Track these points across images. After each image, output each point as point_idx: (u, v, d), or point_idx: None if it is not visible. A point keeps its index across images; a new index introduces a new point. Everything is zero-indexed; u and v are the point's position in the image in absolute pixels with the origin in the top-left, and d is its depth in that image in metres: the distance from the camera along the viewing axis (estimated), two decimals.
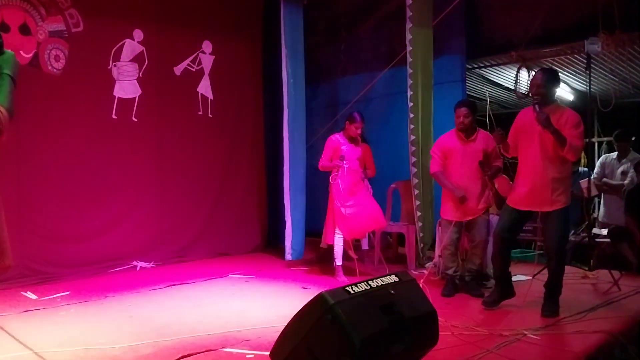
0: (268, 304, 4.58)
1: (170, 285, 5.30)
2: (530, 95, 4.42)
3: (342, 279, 5.47)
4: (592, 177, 6.46)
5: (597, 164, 6.77)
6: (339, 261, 5.64)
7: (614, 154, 6.63)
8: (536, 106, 4.12)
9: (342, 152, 5.62)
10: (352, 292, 2.67)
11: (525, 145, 4.30)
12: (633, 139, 7.06)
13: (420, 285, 3.15)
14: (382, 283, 2.85)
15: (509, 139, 4.42)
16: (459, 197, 4.89)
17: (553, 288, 4.25)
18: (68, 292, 5.01)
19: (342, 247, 5.65)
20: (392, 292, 2.82)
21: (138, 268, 6.16)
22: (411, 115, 6.16)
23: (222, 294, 4.98)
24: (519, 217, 4.35)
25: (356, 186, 5.67)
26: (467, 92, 7.26)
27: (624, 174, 6.39)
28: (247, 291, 5.13)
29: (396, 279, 2.96)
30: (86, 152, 5.99)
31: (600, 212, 6.72)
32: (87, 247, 5.93)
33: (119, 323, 4.07)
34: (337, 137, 5.76)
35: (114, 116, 6.21)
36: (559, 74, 7.01)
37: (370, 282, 2.81)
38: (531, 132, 4.22)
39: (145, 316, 4.26)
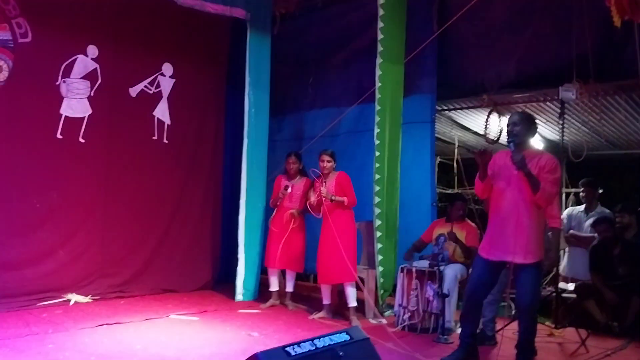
0: (207, 353, 4.11)
1: (102, 325, 4.79)
2: (506, 135, 4.13)
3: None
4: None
5: (564, 215, 6.55)
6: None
7: (581, 207, 6.43)
8: (511, 144, 3.89)
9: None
10: (293, 353, 2.28)
11: (501, 188, 3.98)
12: (601, 191, 6.90)
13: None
14: (330, 342, 2.47)
15: (489, 178, 4.08)
16: None
17: (525, 349, 3.93)
18: None
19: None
20: (340, 354, 2.44)
21: (72, 302, 5.62)
22: (377, 154, 5.89)
23: (158, 338, 4.49)
24: (491, 269, 4.03)
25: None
26: (436, 134, 7.04)
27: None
28: (186, 335, 4.65)
29: (347, 337, 2.59)
30: (25, 173, 5.53)
31: (563, 266, 6.47)
32: (16, 276, 5.38)
33: None
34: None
35: (59, 135, 5.78)
36: None
37: (316, 341, 2.43)
38: (508, 175, 3.93)
39: None
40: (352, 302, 5.42)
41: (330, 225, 5.43)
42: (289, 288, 6.09)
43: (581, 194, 6.44)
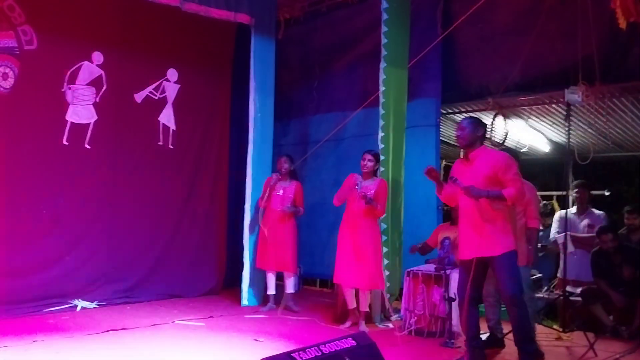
0: (213, 359, 4.11)
1: (109, 331, 4.80)
2: (457, 142, 4.28)
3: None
4: (552, 234, 6.24)
5: (555, 218, 6.50)
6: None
7: (573, 209, 6.38)
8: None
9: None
10: (299, 359, 2.27)
11: (461, 193, 4.13)
12: (607, 193, 6.85)
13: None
14: (336, 348, 2.47)
15: (446, 189, 4.30)
16: None
17: (523, 340, 3.91)
18: None
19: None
20: (346, 359, 2.43)
21: (78, 308, 5.63)
22: (381, 158, 5.87)
23: (163, 344, 4.49)
24: (469, 269, 4.08)
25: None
26: (441, 138, 7.03)
27: (591, 226, 6.10)
28: (192, 341, 4.64)
29: (353, 342, 2.58)
30: (30, 179, 5.54)
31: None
32: (23, 282, 5.39)
33: None
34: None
35: (64, 142, 5.79)
36: (537, 123, 6.96)
37: (321, 347, 2.42)
38: (462, 179, 4.08)
39: None
40: (365, 307, 5.40)
41: (357, 228, 5.35)
42: (290, 289, 6.10)
43: (574, 194, 6.40)
